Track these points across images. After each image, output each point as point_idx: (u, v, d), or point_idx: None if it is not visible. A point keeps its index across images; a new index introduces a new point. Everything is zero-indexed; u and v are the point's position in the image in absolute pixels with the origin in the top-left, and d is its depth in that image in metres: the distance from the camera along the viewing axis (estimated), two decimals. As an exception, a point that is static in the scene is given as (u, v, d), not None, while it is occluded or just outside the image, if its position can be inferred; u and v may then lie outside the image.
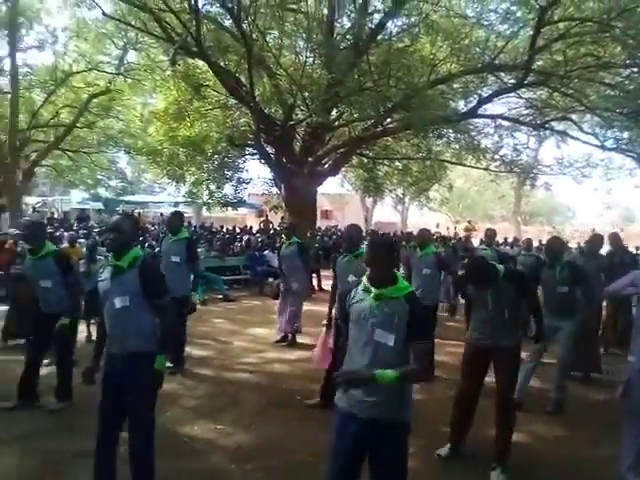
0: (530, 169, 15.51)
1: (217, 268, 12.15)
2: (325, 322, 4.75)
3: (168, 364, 5.14)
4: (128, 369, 2.92)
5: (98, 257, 8.16)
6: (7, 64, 16.84)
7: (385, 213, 41.05)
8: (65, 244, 9.50)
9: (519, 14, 11.04)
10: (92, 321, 7.21)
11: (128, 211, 24.53)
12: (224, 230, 18.51)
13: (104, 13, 12.39)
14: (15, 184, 14.38)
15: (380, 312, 2.35)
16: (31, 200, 24.35)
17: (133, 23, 12.58)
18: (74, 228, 15.68)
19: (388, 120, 13.34)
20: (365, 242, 4.69)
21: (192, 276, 5.84)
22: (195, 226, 19.57)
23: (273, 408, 4.77)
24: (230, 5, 10.13)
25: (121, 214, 3.35)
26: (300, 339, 7.20)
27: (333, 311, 4.41)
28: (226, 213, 21.41)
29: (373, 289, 2.40)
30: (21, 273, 6.04)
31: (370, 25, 11.77)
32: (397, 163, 17.47)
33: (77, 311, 4.68)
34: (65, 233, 11.69)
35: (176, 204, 22.02)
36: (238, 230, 18.90)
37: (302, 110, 13.47)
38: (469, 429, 3.83)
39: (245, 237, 16.16)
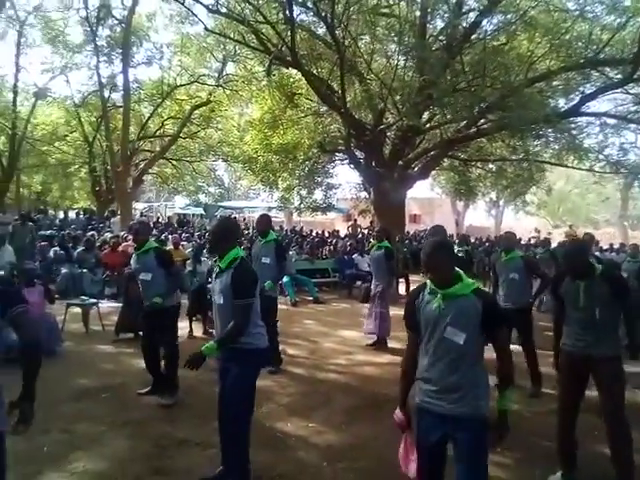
0: (638, 169, 14.27)
1: (307, 271, 12.42)
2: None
3: (270, 368, 5.44)
4: (227, 361, 3.16)
5: (203, 259, 8.72)
6: (120, 80, 18.52)
7: (478, 217, 39.67)
8: (170, 246, 10.23)
9: (627, 3, 10.28)
10: (194, 318, 7.72)
11: (226, 215, 25.89)
12: (314, 234, 18.86)
13: (206, 28, 13.19)
14: (126, 191, 15.72)
15: (450, 311, 2.33)
16: (139, 206, 26.39)
17: (232, 36, 13.27)
18: (177, 232, 16.79)
19: (482, 121, 12.94)
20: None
21: (282, 276, 6.03)
22: (286, 230, 20.13)
23: (364, 409, 4.80)
24: (324, 13, 10.37)
25: (221, 218, 3.51)
26: (390, 343, 7.18)
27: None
28: (315, 217, 21.86)
29: (439, 290, 2.37)
30: (132, 272, 6.64)
31: (464, 25, 11.50)
32: (491, 165, 16.86)
33: (170, 296, 4.87)
34: (169, 236, 12.53)
35: (269, 209, 22.82)
36: (327, 234, 19.19)
37: (392, 114, 13.44)
38: (576, 449, 3.57)
39: (334, 241, 16.37)
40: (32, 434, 1.94)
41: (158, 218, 24.75)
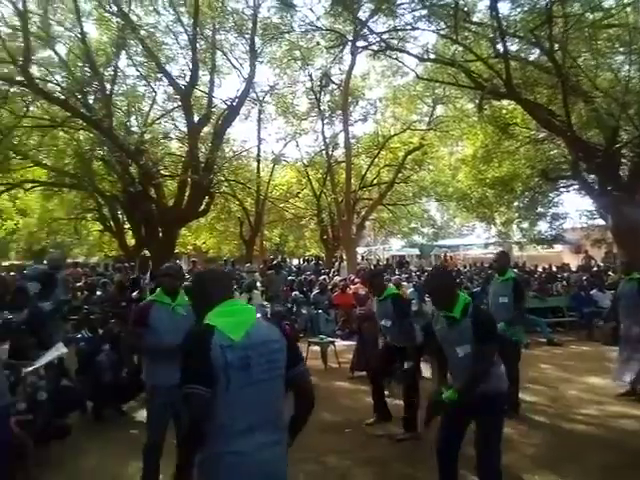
0: None
1: (538, 310, 11.51)
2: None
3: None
4: (481, 407, 3.09)
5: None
6: (341, 138, 20.47)
7: None
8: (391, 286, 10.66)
9: None
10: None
11: (440, 254, 25.81)
12: (540, 269, 17.44)
13: (417, 76, 13.75)
14: (351, 237, 16.98)
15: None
16: (359, 250, 28.09)
17: (441, 79, 13.60)
18: (396, 273, 17.35)
19: None
20: None
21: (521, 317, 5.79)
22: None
23: (624, 469, 4.21)
24: (540, 40, 9.97)
25: (436, 274, 3.55)
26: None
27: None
28: (539, 251, 20.28)
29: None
30: (365, 313, 7.13)
31: None
32: None
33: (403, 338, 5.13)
34: (391, 277, 13.05)
35: (486, 245, 21.96)
36: (555, 268, 17.54)
37: (627, 130, 11.95)
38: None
39: (565, 275, 14.88)
40: (291, 460, 2.25)
41: (378, 261, 25.95)
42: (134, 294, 7.64)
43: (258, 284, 11.72)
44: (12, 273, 10.90)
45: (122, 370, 6.13)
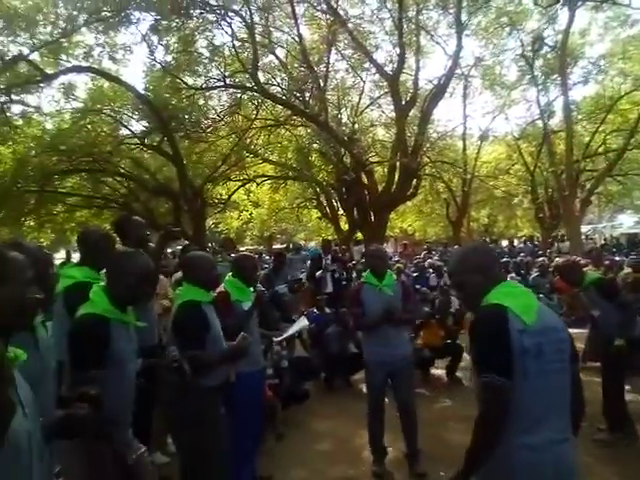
0: None
1: None
2: None
3: None
4: None
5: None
6: (557, 105, 18.49)
7: None
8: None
9: None
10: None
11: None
12: None
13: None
14: (574, 214, 15.27)
15: None
16: (583, 229, 25.13)
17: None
18: (632, 254, 15.04)
19: None
20: None
21: None
22: None
23: None
24: None
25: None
26: None
27: None
28: None
29: None
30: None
31: None
32: None
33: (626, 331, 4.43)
34: (624, 259, 11.37)
35: None
36: None
37: None
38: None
39: None
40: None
41: (605, 240, 22.90)
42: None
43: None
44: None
45: (348, 343, 6.64)
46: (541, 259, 12.95)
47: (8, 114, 13.88)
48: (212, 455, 2.94)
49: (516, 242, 19.42)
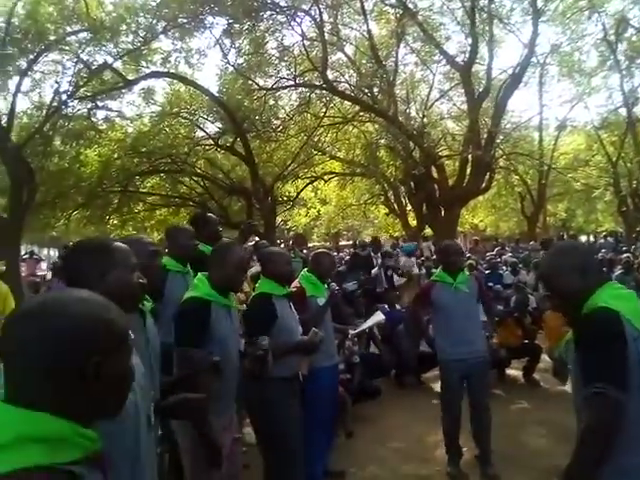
0: None
1: None
2: None
3: None
4: None
5: None
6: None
7: None
8: None
9: None
10: None
11: None
12: None
13: None
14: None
15: None
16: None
17: None
18: None
19: None
20: None
21: None
22: None
23: None
24: None
25: None
26: None
27: None
28: None
29: None
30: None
31: None
32: None
33: None
34: None
35: None
36: None
37: None
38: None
39: None
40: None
41: None
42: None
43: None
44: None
45: (420, 341, 6.58)
46: (625, 255, 12.12)
47: (93, 119, 14.86)
48: (289, 444, 3.05)
49: (589, 237, 18.34)
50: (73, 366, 0.88)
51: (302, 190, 19.52)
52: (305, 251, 6.56)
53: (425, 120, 15.23)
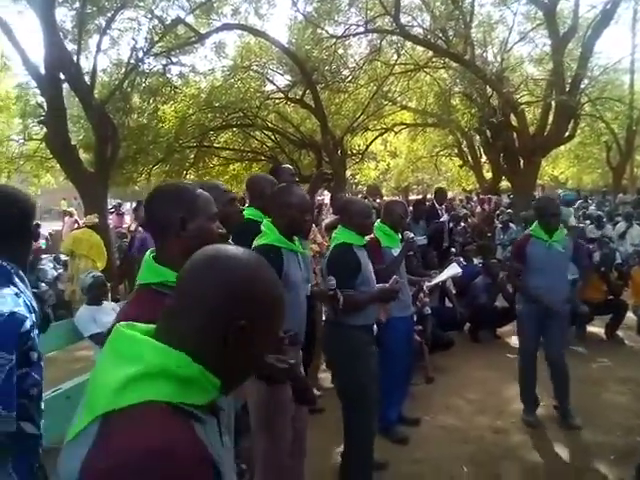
0: None
1: None
2: None
3: None
4: None
5: None
6: None
7: None
8: None
9: None
10: None
11: None
12: None
13: None
14: None
15: None
16: None
17: None
18: None
19: None
20: None
21: None
22: None
23: None
24: None
25: None
26: None
27: None
28: None
29: None
30: None
31: None
32: None
33: None
34: None
35: None
36: None
37: None
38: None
39: None
40: None
41: None
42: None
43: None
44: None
45: (497, 296, 6.46)
46: None
47: (168, 75, 15.16)
48: (366, 389, 3.12)
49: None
50: (230, 321, 0.88)
51: (372, 143, 19.12)
52: (378, 201, 6.49)
53: (504, 64, 14.26)
